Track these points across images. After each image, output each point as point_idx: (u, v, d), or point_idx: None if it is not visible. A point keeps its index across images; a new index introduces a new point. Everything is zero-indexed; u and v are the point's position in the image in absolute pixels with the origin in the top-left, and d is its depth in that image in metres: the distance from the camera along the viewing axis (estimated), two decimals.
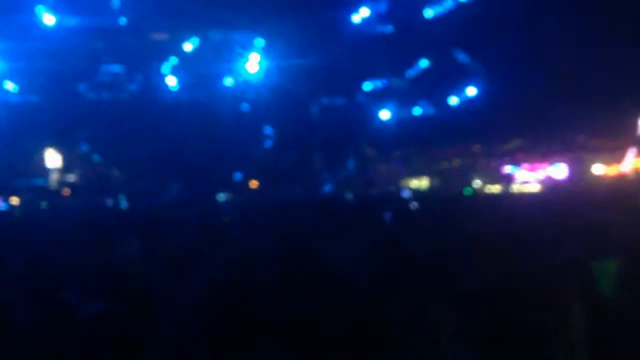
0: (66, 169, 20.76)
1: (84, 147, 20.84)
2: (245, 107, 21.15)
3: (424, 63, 20.90)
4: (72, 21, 16.57)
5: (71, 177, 20.81)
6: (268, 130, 21.50)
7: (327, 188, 20.32)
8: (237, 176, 21.23)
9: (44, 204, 17.02)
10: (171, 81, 19.82)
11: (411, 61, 20.94)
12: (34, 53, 17.51)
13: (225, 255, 4.27)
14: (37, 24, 16.89)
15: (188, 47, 18.63)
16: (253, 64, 19.34)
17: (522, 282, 2.71)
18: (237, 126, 20.46)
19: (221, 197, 18.07)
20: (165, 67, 19.51)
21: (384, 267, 4.00)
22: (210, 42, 18.62)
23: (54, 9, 16.30)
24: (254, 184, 21.48)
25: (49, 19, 16.71)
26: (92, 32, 17.14)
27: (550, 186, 20.12)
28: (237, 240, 5.73)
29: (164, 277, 4.19)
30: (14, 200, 17.66)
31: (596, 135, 20.38)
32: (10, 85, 18.84)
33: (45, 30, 17.01)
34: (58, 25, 16.74)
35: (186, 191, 19.16)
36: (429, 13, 18.24)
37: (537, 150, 21.59)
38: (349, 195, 15.84)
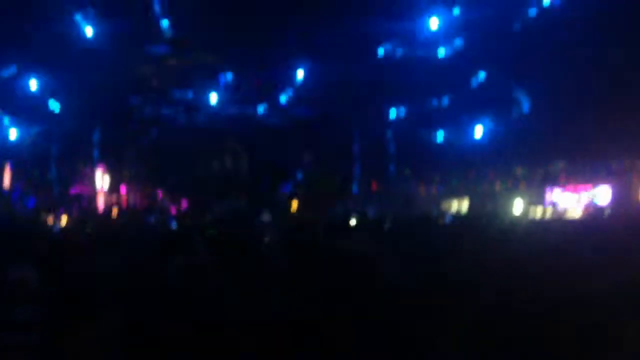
0: (114, 188, 21.41)
1: (132, 168, 21.49)
2: (286, 126, 21.56)
3: (465, 86, 21.01)
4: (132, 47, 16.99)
5: (119, 197, 21.43)
6: (310, 150, 21.79)
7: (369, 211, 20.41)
8: (278, 196, 21.51)
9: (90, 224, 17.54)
10: (214, 100, 20.32)
11: (452, 85, 21.07)
12: (81, 70, 18.21)
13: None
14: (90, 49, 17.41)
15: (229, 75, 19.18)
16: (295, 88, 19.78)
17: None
18: (279, 148, 20.92)
19: (264, 216, 18.36)
20: (211, 91, 20.07)
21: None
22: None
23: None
24: (294, 204, 21.73)
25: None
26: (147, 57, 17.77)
27: (594, 211, 19.83)
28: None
29: None
30: (64, 220, 18.21)
31: None
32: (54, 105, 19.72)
33: (99, 51, 17.55)
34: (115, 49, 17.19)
35: (230, 210, 19.58)
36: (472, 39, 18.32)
37: (580, 173, 21.31)
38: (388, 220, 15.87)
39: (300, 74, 19.25)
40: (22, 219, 16.05)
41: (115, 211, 20.15)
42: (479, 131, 21.85)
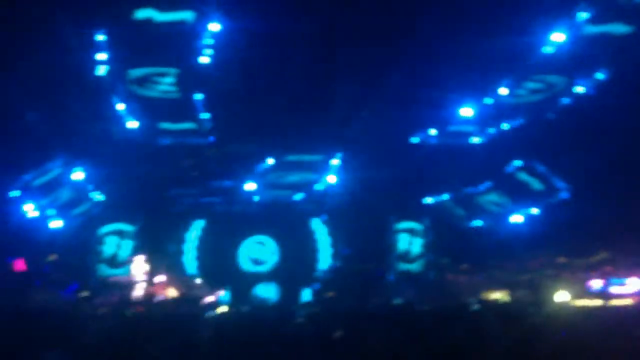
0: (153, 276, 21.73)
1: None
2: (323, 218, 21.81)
3: (504, 170, 20.96)
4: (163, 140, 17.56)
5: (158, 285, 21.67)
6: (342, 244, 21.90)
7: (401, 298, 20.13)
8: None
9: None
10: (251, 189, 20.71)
11: (489, 170, 21.05)
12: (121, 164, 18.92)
13: None
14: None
15: (269, 161, 19.57)
16: (331, 177, 20.01)
17: None
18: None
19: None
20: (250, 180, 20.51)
21: None
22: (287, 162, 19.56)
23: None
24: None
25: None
26: (181, 149, 18.36)
27: None
28: None
29: None
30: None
31: None
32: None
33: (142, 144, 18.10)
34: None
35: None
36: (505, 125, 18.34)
37: (625, 263, 20.73)
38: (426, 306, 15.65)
39: (334, 163, 19.59)
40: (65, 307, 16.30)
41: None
42: (518, 219, 21.58)
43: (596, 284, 21.08)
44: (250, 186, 20.34)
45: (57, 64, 13.68)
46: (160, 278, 21.76)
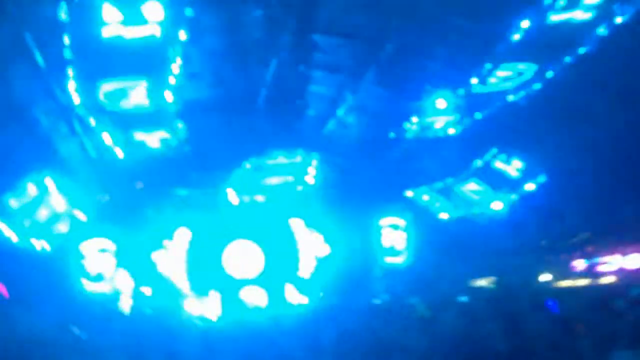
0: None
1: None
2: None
3: (482, 159, 21.11)
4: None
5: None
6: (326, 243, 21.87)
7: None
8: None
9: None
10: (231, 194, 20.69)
11: (466, 159, 21.21)
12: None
13: None
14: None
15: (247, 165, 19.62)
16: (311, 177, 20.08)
17: None
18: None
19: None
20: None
21: None
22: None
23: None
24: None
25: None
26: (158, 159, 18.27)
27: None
28: None
29: None
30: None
31: None
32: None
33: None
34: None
35: None
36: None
37: (607, 242, 20.96)
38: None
39: (313, 163, 19.64)
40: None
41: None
42: (499, 205, 21.74)
43: (580, 264, 21.33)
44: (229, 192, 20.32)
45: (26, 83, 13.55)
46: (145, 291, 21.54)
